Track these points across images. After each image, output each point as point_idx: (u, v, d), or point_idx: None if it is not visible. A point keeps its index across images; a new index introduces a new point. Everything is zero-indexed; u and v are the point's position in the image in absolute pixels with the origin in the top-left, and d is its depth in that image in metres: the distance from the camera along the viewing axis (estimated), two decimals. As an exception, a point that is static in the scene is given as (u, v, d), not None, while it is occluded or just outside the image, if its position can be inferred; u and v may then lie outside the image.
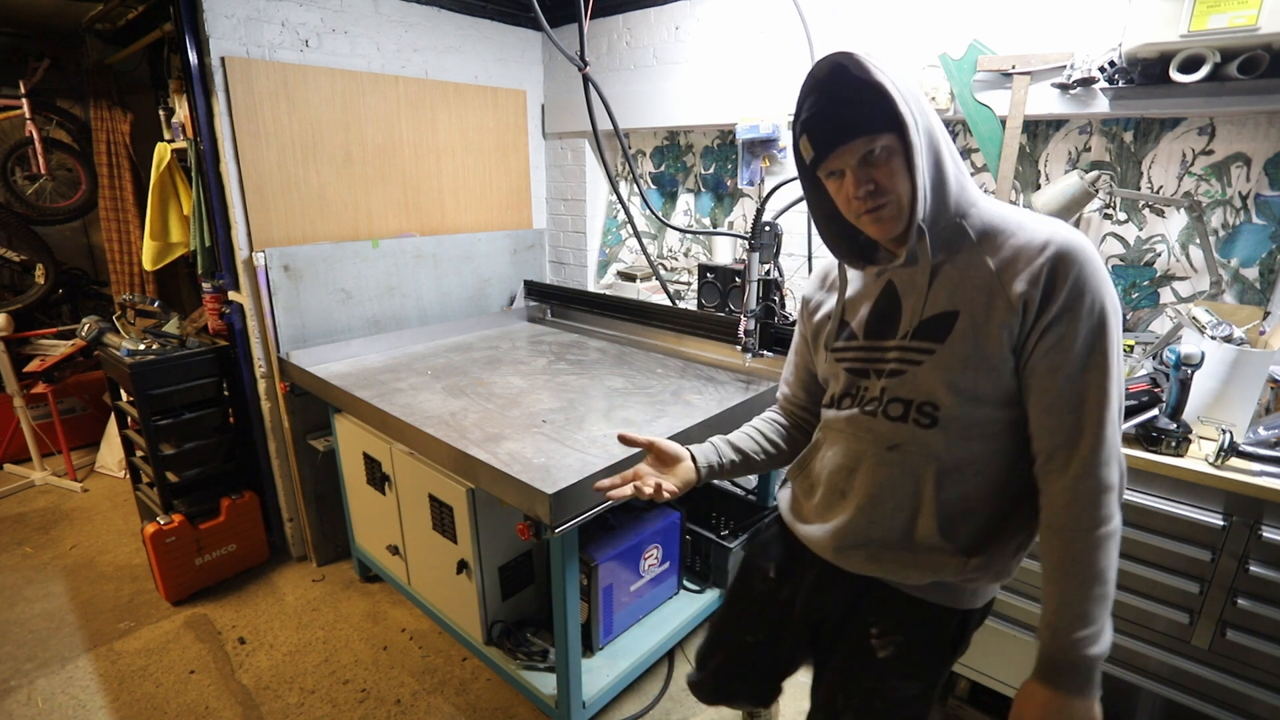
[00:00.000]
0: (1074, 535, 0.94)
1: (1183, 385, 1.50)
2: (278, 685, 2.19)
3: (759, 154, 2.65)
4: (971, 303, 0.98)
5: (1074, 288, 0.92)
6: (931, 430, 1.02)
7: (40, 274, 3.82)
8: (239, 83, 2.27)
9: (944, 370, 1.00)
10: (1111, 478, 0.93)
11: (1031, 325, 0.94)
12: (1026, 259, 0.94)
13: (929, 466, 1.03)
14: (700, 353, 2.54)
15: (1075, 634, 0.92)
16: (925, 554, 1.06)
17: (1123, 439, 1.57)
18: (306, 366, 2.37)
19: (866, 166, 0.97)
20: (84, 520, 3.20)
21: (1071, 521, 0.94)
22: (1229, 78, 1.59)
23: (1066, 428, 0.94)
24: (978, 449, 1.02)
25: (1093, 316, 0.92)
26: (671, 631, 2.20)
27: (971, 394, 0.99)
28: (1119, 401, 0.94)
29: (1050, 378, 0.94)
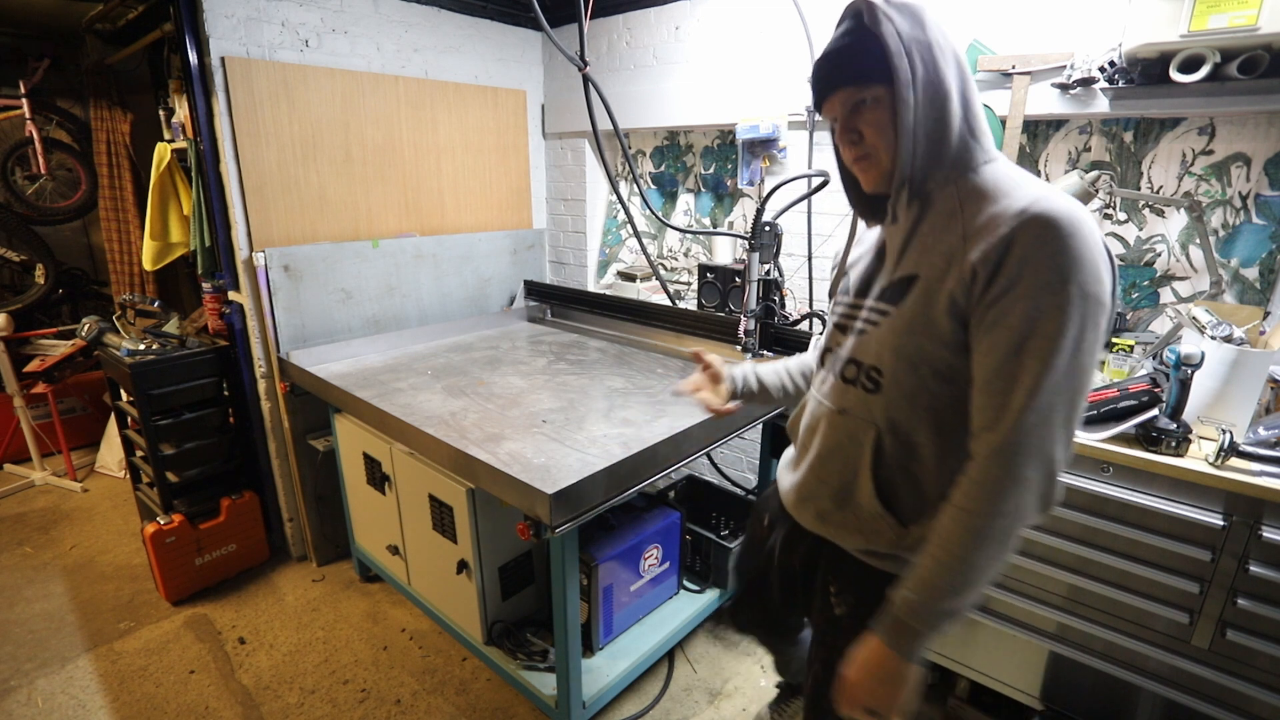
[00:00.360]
0: (958, 512, 0.91)
1: (1183, 385, 1.50)
2: (278, 685, 2.19)
3: (759, 154, 2.65)
4: (932, 268, 0.95)
5: (1030, 260, 0.84)
6: (875, 395, 1.02)
7: (40, 274, 3.82)
8: (239, 83, 2.27)
9: (893, 334, 0.99)
10: (1023, 472, 0.86)
11: (979, 296, 0.89)
12: (994, 226, 0.88)
13: (869, 432, 1.04)
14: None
15: (913, 597, 0.93)
16: (865, 520, 1.07)
17: (1123, 439, 1.59)
18: (306, 366, 2.37)
19: (856, 114, 0.97)
20: (84, 520, 3.20)
21: (963, 500, 0.90)
22: (1229, 78, 1.59)
23: (993, 408, 0.88)
24: (919, 420, 1.00)
25: (1045, 295, 0.83)
26: (671, 631, 2.20)
27: (913, 362, 0.97)
28: (1063, 396, 0.85)
29: (988, 355, 0.89)
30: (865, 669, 0.98)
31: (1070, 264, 0.83)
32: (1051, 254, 0.83)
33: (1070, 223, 0.84)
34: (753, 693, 2.18)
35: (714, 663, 2.31)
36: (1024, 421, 0.85)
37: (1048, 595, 1.74)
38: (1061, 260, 0.83)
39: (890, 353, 0.99)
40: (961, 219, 0.93)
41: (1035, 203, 0.86)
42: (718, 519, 2.57)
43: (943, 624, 0.92)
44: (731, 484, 2.88)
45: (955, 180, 0.96)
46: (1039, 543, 1.71)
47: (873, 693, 0.97)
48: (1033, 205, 0.86)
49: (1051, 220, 0.84)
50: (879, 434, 1.03)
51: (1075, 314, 0.83)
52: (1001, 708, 1.96)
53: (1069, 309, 0.83)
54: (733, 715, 2.10)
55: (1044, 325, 0.84)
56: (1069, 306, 0.83)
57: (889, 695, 0.96)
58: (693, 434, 1.79)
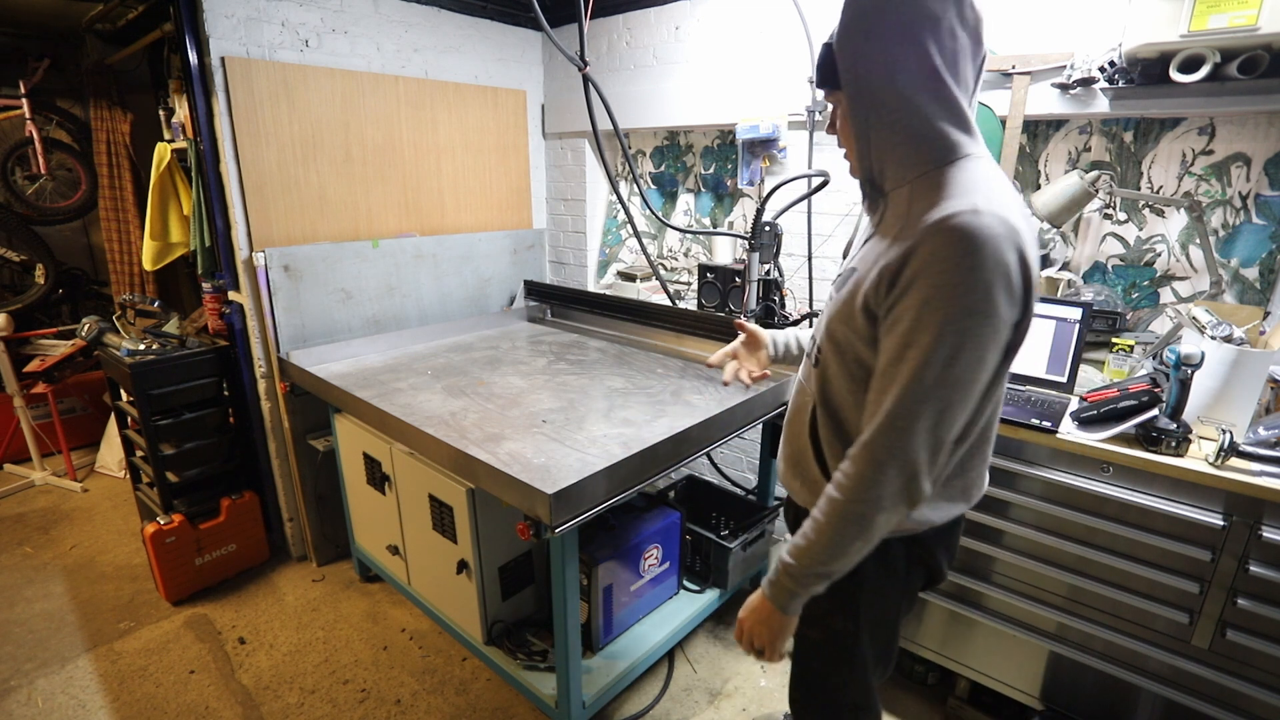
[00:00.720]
0: (828, 498, 1.00)
1: (1183, 385, 1.50)
2: (278, 685, 2.19)
3: (759, 154, 2.65)
4: (864, 263, 1.02)
5: (922, 273, 0.88)
6: (816, 369, 1.15)
7: (40, 274, 3.82)
8: (239, 83, 2.27)
9: (831, 319, 1.09)
10: (884, 469, 0.93)
11: (882, 300, 0.95)
12: (908, 234, 0.91)
13: (809, 404, 1.17)
14: (700, 353, 2.54)
15: (789, 562, 1.04)
16: (812, 483, 1.19)
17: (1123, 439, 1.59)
18: (306, 366, 2.37)
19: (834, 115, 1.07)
20: (84, 520, 3.20)
21: (834, 486, 1.00)
22: (1229, 78, 1.59)
23: (871, 406, 0.97)
24: (843, 398, 1.10)
25: (925, 310, 0.88)
26: (671, 631, 2.20)
27: (840, 347, 1.07)
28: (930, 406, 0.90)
29: (880, 356, 0.97)
30: (752, 615, 1.12)
31: (959, 282, 0.86)
32: (942, 270, 0.86)
33: (973, 240, 0.85)
34: (752, 693, 2.18)
35: (714, 663, 2.31)
36: (889, 424, 0.93)
37: (1048, 595, 1.74)
38: (952, 278, 0.86)
39: (827, 335, 1.11)
40: (906, 219, 0.95)
41: (950, 216, 0.87)
42: (718, 519, 2.57)
43: (811, 587, 1.04)
44: (731, 484, 2.88)
45: (912, 180, 0.97)
46: (1039, 543, 1.71)
47: (758, 635, 1.12)
48: (947, 218, 0.87)
49: (954, 235, 0.86)
50: (814, 406, 1.15)
51: (952, 330, 0.87)
52: (1001, 708, 1.96)
53: (947, 325, 0.87)
54: (733, 715, 2.10)
55: (921, 338, 0.89)
56: (948, 323, 0.87)
57: (770, 638, 1.11)
58: (693, 434, 1.79)
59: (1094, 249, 2.12)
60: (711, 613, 2.40)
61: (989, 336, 0.88)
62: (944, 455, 0.96)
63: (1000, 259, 0.85)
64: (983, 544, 1.81)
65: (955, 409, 0.91)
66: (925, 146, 0.95)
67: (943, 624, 1.94)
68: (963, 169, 0.94)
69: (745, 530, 2.39)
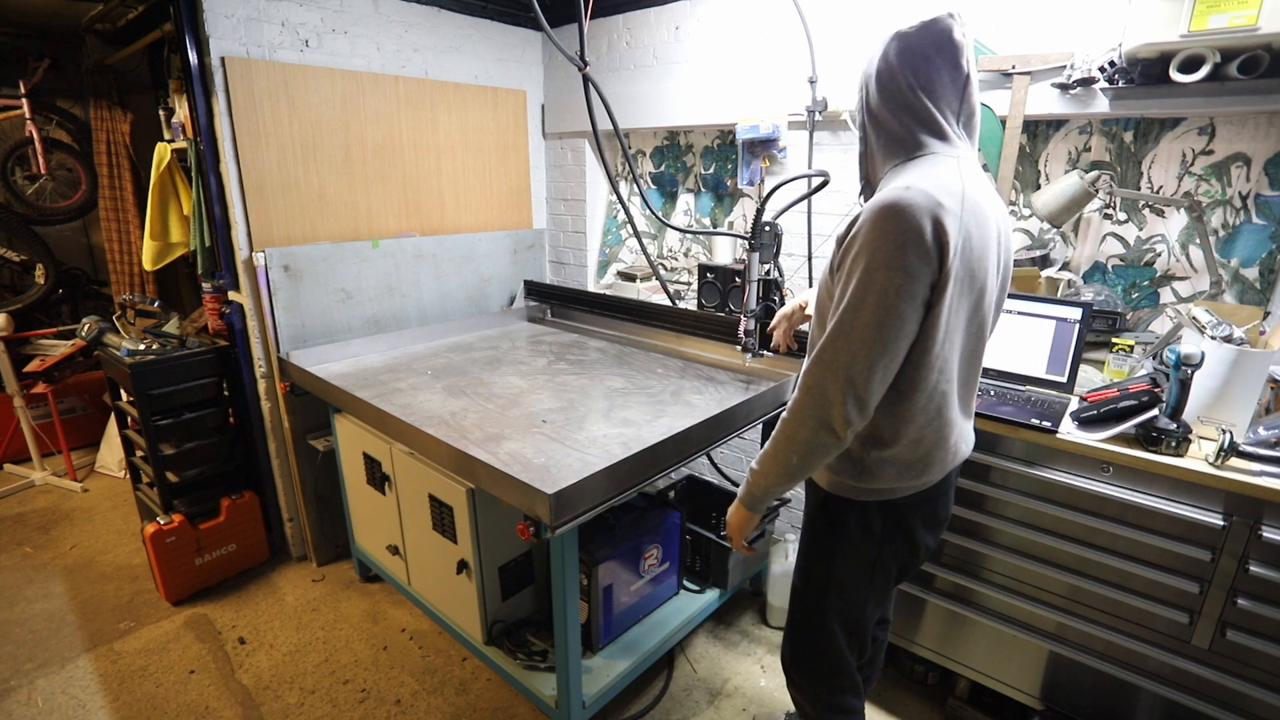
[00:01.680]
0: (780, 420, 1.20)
1: (1183, 385, 1.50)
2: (278, 685, 2.19)
3: (759, 154, 2.64)
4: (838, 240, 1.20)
5: (855, 237, 1.10)
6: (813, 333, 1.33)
7: (40, 274, 3.82)
8: (239, 83, 2.27)
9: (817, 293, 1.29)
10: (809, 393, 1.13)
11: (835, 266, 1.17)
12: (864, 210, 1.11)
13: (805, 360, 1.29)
14: (700, 353, 2.54)
15: (754, 467, 1.26)
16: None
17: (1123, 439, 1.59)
18: (306, 366, 2.37)
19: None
20: (84, 520, 3.20)
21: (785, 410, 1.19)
22: (1229, 78, 1.59)
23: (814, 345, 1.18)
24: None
25: (854, 266, 1.08)
26: (671, 631, 2.20)
27: (820, 313, 1.26)
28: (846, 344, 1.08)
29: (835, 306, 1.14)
30: (732, 514, 1.35)
31: (875, 240, 1.06)
32: (868, 233, 1.07)
33: (893, 208, 1.04)
34: (753, 693, 2.18)
35: (714, 663, 2.31)
36: (817, 358, 1.12)
37: (1048, 595, 1.74)
38: (871, 237, 1.06)
39: (816, 309, 1.30)
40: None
41: (885, 197, 1.07)
42: (718, 519, 2.57)
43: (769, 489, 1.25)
44: (731, 484, 2.87)
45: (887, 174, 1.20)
46: (1039, 543, 1.72)
47: (730, 527, 1.36)
48: (883, 198, 1.07)
49: (880, 206, 1.06)
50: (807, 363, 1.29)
51: (868, 280, 1.06)
52: (1001, 708, 1.96)
53: (866, 275, 1.06)
54: (732, 715, 2.10)
55: (848, 286, 1.09)
56: (866, 273, 1.06)
57: (736, 528, 1.35)
58: (693, 434, 1.79)
59: (1094, 249, 2.12)
60: (711, 613, 2.40)
61: (900, 287, 1.05)
62: (863, 393, 1.10)
63: (914, 223, 1.04)
64: (983, 544, 1.81)
65: (873, 351, 1.07)
66: (896, 146, 1.18)
67: (942, 624, 1.94)
68: (922, 163, 1.14)
69: (745, 530, 2.38)
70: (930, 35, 1.12)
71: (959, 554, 1.87)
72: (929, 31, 1.12)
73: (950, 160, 1.14)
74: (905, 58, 1.13)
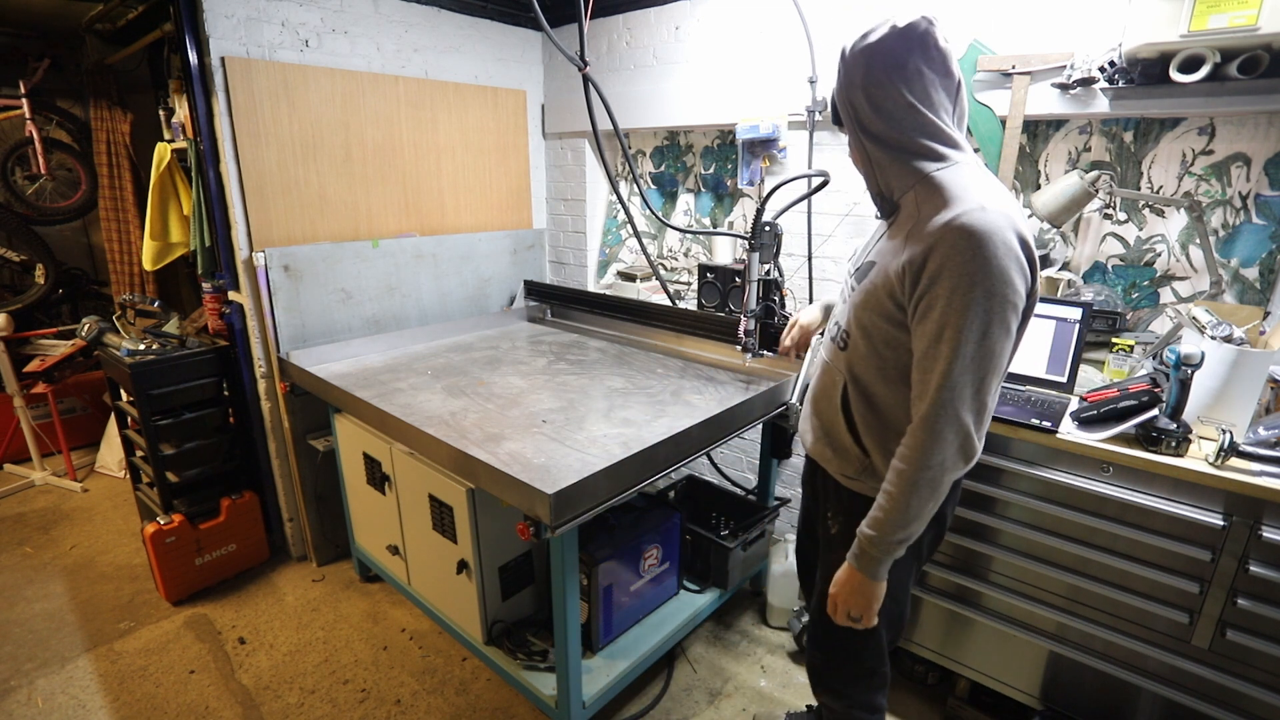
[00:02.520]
0: (895, 470, 1.16)
1: (1183, 385, 1.50)
2: (278, 685, 2.19)
3: (759, 154, 2.64)
4: (884, 257, 1.20)
5: (942, 267, 1.06)
6: (844, 352, 1.32)
7: (40, 274, 3.82)
8: (239, 83, 2.27)
9: (856, 306, 1.26)
10: (942, 436, 1.10)
11: (910, 292, 1.12)
12: (926, 232, 1.09)
13: (840, 381, 1.34)
14: (700, 353, 2.54)
15: (864, 530, 1.21)
16: (841, 449, 1.36)
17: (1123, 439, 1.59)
18: (306, 366, 2.37)
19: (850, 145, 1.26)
20: (84, 520, 3.20)
21: (899, 460, 1.16)
22: (1229, 78, 1.59)
23: (920, 384, 1.13)
24: (870, 375, 1.27)
25: (954, 297, 1.05)
26: (671, 631, 2.20)
27: (867, 330, 1.24)
28: (970, 376, 1.07)
29: (919, 341, 1.12)
30: (844, 587, 1.27)
31: (978, 269, 1.03)
32: (963, 261, 1.04)
33: (983, 234, 1.03)
34: (752, 693, 2.18)
35: (714, 663, 2.31)
36: (940, 397, 1.09)
37: (1048, 595, 1.74)
38: (969, 268, 1.03)
39: (854, 320, 1.27)
40: (916, 220, 1.14)
41: (959, 216, 1.06)
42: (718, 519, 2.57)
43: (894, 553, 1.20)
44: (731, 484, 2.87)
45: (914, 187, 1.17)
46: (1039, 543, 1.71)
47: (853, 604, 1.26)
48: (956, 218, 1.06)
49: (966, 232, 1.04)
50: (845, 383, 1.32)
51: (979, 311, 1.04)
52: (1001, 708, 1.96)
53: (974, 308, 1.04)
54: (732, 715, 2.10)
55: (954, 320, 1.05)
56: (975, 306, 1.04)
57: (864, 605, 1.26)
58: (693, 434, 1.79)
59: (1094, 249, 2.12)
60: (712, 613, 2.40)
61: (1010, 310, 1.06)
62: (987, 416, 1.12)
63: (1009, 245, 1.04)
64: (983, 544, 1.81)
65: (991, 376, 1.09)
66: (914, 159, 1.16)
67: (942, 624, 1.94)
68: (954, 174, 1.14)
69: (745, 530, 2.39)
70: (912, 43, 1.10)
71: (959, 553, 1.87)
72: (910, 40, 1.10)
73: (979, 169, 1.16)
74: (896, 74, 1.11)
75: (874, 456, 1.32)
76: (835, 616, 1.30)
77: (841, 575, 1.27)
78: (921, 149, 1.15)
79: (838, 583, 1.28)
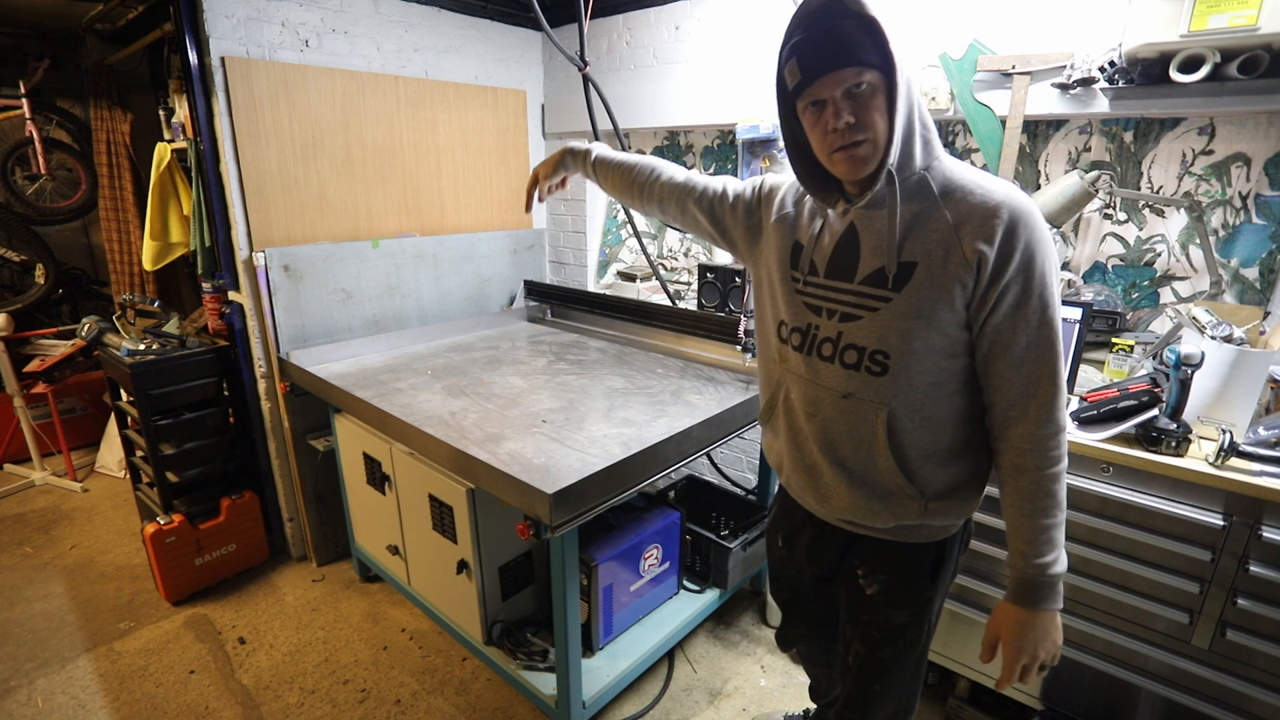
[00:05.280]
0: (1040, 474, 1.03)
1: (1183, 385, 1.50)
2: (278, 685, 2.19)
3: (759, 154, 2.64)
4: (930, 255, 1.01)
5: (1026, 250, 0.97)
6: (883, 378, 1.07)
7: (40, 274, 3.82)
8: (239, 83, 2.27)
9: (899, 319, 1.04)
10: (1064, 421, 1.03)
11: (988, 284, 0.98)
12: (983, 218, 0.98)
13: (880, 412, 1.08)
14: (700, 353, 2.54)
15: (1045, 558, 1.05)
16: (889, 496, 1.13)
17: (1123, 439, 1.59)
18: (306, 366, 2.37)
19: (849, 99, 0.97)
20: (84, 520, 3.20)
21: (1038, 462, 1.03)
22: (1229, 78, 1.59)
23: (1027, 380, 1.01)
24: (925, 397, 1.07)
25: (1044, 279, 0.98)
26: (671, 632, 2.20)
27: (924, 343, 1.03)
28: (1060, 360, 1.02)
29: (1013, 334, 1.00)
30: (1033, 634, 1.08)
31: (1048, 251, 0.99)
32: (1037, 243, 0.98)
33: (1038, 215, 0.99)
34: (753, 693, 2.18)
35: (714, 663, 2.31)
36: (1057, 384, 1.01)
37: (1048, 595, 1.74)
38: (1044, 248, 0.98)
39: (898, 337, 1.04)
40: (946, 208, 1.01)
41: (1009, 197, 0.98)
42: (718, 519, 2.57)
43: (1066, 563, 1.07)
44: (731, 484, 2.88)
45: (926, 170, 1.03)
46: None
47: (1044, 649, 1.09)
48: (1008, 200, 0.98)
49: (1030, 215, 0.98)
50: (891, 413, 1.08)
51: (1056, 289, 1.01)
52: (1001, 708, 1.96)
53: (1053, 287, 1.00)
54: (733, 715, 2.10)
55: (1050, 304, 0.99)
56: (1053, 285, 1.00)
57: (1054, 642, 1.09)
58: (693, 434, 1.79)
59: (1094, 249, 2.12)
60: (712, 613, 2.40)
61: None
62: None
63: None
64: (983, 544, 1.81)
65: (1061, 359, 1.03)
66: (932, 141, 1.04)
67: (943, 624, 1.93)
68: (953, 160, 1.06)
69: (745, 530, 2.39)
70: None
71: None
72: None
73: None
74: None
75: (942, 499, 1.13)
76: (1026, 680, 1.12)
77: (1032, 629, 1.07)
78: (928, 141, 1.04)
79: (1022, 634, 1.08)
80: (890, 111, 0.96)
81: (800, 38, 0.99)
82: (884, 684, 1.32)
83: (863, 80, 0.95)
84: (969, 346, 1.05)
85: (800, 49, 0.99)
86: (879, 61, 0.94)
